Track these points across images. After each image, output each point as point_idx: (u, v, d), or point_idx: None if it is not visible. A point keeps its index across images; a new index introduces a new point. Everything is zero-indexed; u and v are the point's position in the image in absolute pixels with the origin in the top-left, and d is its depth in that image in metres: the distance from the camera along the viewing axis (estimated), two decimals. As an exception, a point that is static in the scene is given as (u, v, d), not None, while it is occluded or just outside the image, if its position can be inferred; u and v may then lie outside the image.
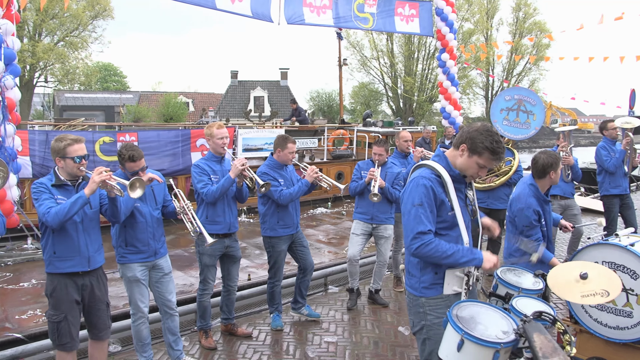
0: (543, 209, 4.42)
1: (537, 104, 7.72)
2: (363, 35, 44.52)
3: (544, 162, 4.36)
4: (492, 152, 2.92)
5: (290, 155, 5.42)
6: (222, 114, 38.05)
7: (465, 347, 2.58)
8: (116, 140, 12.31)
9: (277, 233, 5.48)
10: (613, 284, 3.15)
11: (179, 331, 4.74)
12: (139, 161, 4.28)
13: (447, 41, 13.90)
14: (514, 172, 6.90)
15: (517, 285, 3.43)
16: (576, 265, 3.47)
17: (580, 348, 4.38)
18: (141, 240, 4.36)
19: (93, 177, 3.67)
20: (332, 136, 18.65)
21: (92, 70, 42.20)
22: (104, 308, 4.11)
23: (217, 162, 5.07)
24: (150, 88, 57.74)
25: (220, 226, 5.03)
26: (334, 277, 7.69)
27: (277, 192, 5.30)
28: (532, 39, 35.27)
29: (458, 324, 2.63)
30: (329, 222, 14.09)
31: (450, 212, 3.03)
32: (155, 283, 4.54)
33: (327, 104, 51.72)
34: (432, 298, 3.03)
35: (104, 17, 36.34)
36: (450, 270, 3.01)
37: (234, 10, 10.42)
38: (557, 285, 3.26)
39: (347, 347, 5.20)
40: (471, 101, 48.87)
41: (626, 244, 4.04)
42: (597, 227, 5.05)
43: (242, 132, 14.94)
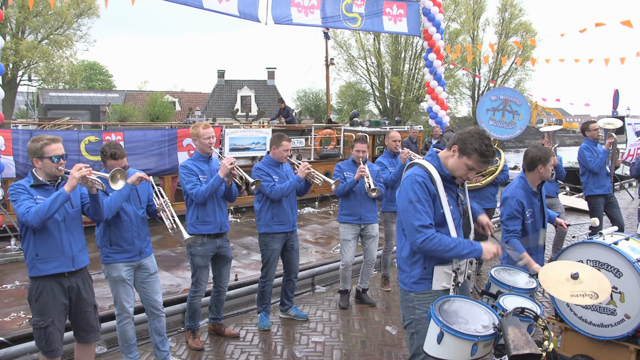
0: (531, 202, 4.49)
1: (522, 104, 7.79)
2: (350, 35, 44.62)
3: (533, 156, 4.43)
4: (481, 154, 3.00)
5: (285, 152, 5.48)
6: (209, 114, 37.89)
7: (445, 339, 2.67)
8: (102, 139, 12.24)
9: (272, 229, 5.49)
10: (603, 288, 3.19)
11: (165, 332, 4.70)
12: (121, 159, 4.26)
13: (434, 41, 13.97)
14: (500, 171, 6.95)
15: (508, 284, 3.48)
16: (569, 265, 3.50)
17: (565, 346, 4.43)
18: (126, 239, 4.32)
19: (72, 173, 3.61)
20: (319, 136, 18.69)
21: (77, 69, 41.77)
22: (91, 310, 4.03)
23: (205, 162, 5.04)
24: (136, 87, 57.32)
25: (212, 226, 5.00)
26: (322, 277, 7.69)
27: (269, 187, 5.35)
28: (518, 42, 35.54)
29: (438, 316, 2.73)
30: (316, 222, 14.10)
31: (440, 209, 3.10)
32: (141, 283, 4.50)
33: (314, 104, 51.72)
34: (421, 293, 3.10)
35: (89, 15, 36.00)
36: (439, 266, 3.08)
37: (221, 10, 10.39)
38: (547, 282, 3.30)
39: (335, 346, 5.20)
40: (458, 101, 49.19)
41: (610, 243, 4.10)
42: (583, 227, 5.13)
43: (229, 131, 14.90)
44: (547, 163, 4.44)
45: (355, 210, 5.99)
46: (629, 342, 4.02)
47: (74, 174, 3.62)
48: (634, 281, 3.92)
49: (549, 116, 41.44)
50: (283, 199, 5.48)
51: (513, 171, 20.87)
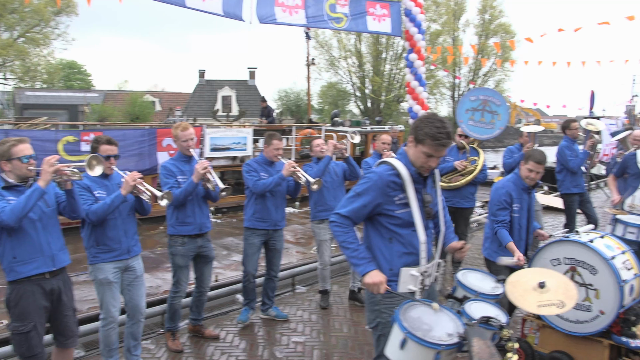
0: (520, 197, 4.60)
1: (501, 104, 7.87)
2: (331, 35, 44.63)
3: (540, 157, 4.57)
4: (433, 137, 2.87)
5: (276, 151, 5.51)
6: (190, 114, 37.62)
7: (408, 345, 2.63)
8: (80, 139, 12.10)
9: (252, 224, 5.53)
10: (570, 295, 3.20)
11: (140, 337, 4.64)
12: (115, 146, 4.27)
13: (415, 42, 14.00)
14: (479, 171, 7.01)
15: (474, 289, 3.42)
16: (536, 272, 3.52)
17: (542, 342, 4.50)
18: (112, 238, 4.24)
19: (44, 168, 3.56)
20: (300, 135, 18.68)
21: (55, 68, 41.18)
22: (70, 314, 3.96)
23: (186, 162, 5.01)
24: (115, 87, 56.59)
25: (191, 227, 4.96)
26: (302, 277, 7.69)
27: (253, 181, 5.37)
28: (498, 44, 35.95)
29: (403, 322, 2.67)
30: (297, 222, 14.10)
31: (404, 209, 3.01)
32: (127, 286, 4.42)
33: (295, 104, 51.62)
34: (387, 296, 3.00)
35: (67, 13, 35.51)
36: (406, 268, 3.02)
37: (204, 9, 10.30)
38: (514, 293, 3.29)
39: (315, 346, 5.20)
40: (438, 101, 49.51)
41: (586, 241, 4.18)
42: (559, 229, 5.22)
43: (209, 131, 14.84)
44: (527, 163, 4.57)
45: (330, 204, 5.94)
46: (603, 337, 4.11)
47: (46, 168, 3.56)
48: (608, 278, 4.00)
49: (527, 116, 42.00)
50: (268, 198, 5.47)
51: (492, 171, 21.12)
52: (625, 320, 4.07)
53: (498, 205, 4.60)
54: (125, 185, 4.11)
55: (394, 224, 3.03)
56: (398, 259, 3.03)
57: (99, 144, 4.24)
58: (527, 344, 4.54)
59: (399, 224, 3.03)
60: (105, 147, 4.23)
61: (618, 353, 4.17)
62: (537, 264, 4.46)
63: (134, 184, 4.12)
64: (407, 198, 3.00)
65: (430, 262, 3.14)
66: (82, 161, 4.15)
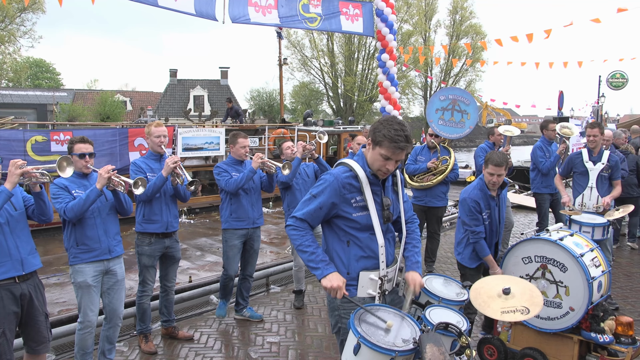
0: (488, 204, 4.63)
1: (470, 104, 7.97)
2: (303, 35, 44.71)
3: (490, 157, 4.56)
4: (391, 139, 2.77)
5: (242, 150, 5.52)
6: (161, 113, 37.24)
7: (362, 351, 2.55)
8: (49, 139, 11.86)
9: (230, 225, 5.52)
10: (535, 301, 3.21)
11: (116, 341, 4.58)
12: (89, 144, 4.22)
13: (387, 42, 14.10)
14: (450, 170, 7.10)
15: (438, 295, 3.37)
16: (501, 279, 3.56)
17: (514, 339, 4.57)
18: (91, 237, 4.17)
19: (11, 170, 3.50)
20: (273, 135, 18.63)
21: (22, 66, 40.29)
22: (42, 320, 3.86)
23: (156, 161, 5.00)
24: (85, 86, 55.69)
25: (157, 225, 4.92)
26: (276, 277, 7.67)
27: (225, 180, 5.39)
28: (469, 45, 36.52)
29: (357, 327, 2.60)
30: (270, 222, 14.05)
31: (362, 212, 2.93)
32: (107, 290, 4.35)
33: (267, 104, 51.51)
34: (346, 301, 2.90)
35: (33, 10, 34.72)
36: (365, 272, 2.93)
37: (177, 8, 10.18)
38: (478, 299, 3.30)
39: (290, 346, 5.19)
40: (410, 101, 50.07)
41: (556, 239, 4.26)
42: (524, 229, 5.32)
43: (181, 131, 14.71)
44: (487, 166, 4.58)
45: None
46: (573, 333, 4.19)
47: (13, 170, 3.50)
48: (578, 275, 4.08)
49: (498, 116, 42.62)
50: (242, 196, 5.48)
51: (463, 170, 21.42)
52: (594, 316, 4.17)
53: (469, 216, 4.61)
54: (100, 178, 4.05)
55: (351, 227, 2.94)
56: (356, 262, 2.94)
57: (74, 143, 4.20)
58: (500, 342, 4.61)
59: (357, 228, 2.94)
60: (79, 145, 4.18)
61: (587, 348, 4.27)
62: (509, 262, 4.53)
63: (108, 175, 4.06)
64: (365, 200, 2.92)
65: (391, 266, 3.04)
66: (52, 161, 4.07)
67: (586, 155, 6.18)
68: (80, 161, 4.16)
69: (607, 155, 6.27)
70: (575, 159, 6.35)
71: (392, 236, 3.10)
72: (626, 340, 4.11)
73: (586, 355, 4.26)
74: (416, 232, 3.24)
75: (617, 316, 4.21)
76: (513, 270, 4.44)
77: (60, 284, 8.36)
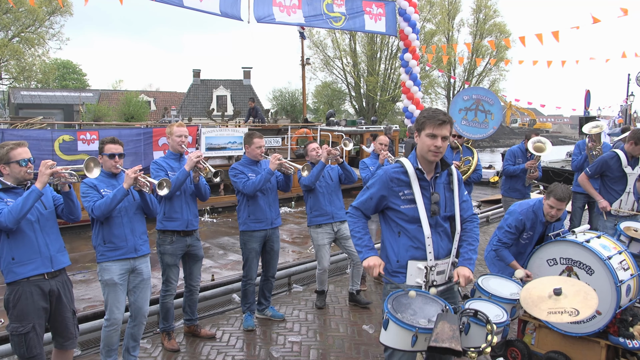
0: (534, 227, 4.57)
1: (495, 104, 7.87)
2: (326, 35, 44.71)
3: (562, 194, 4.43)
4: (430, 117, 3.08)
5: (258, 150, 5.48)
6: (185, 113, 37.54)
7: (389, 326, 2.78)
8: (76, 138, 12.09)
9: (249, 227, 5.48)
10: (588, 303, 3.13)
11: (140, 338, 4.64)
12: (119, 145, 4.29)
13: (410, 41, 14.04)
14: (473, 171, 7.02)
15: (489, 292, 3.48)
16: (558, 280, 3.46)
17: (539, 342, 4.50)
18: (118, 235, 4.23)
19: (42, 170, 3.60)
20: (295, 135, 18.66)
21: (50, 68, 41.07)
22: (70, 316, 3.95)
23: (176, 160, 5.04)
24: (110, 86, 56.40)
25: (178, 222, 4.96)
26: (298, 277, 7.68)
27: (242, 182, 5.35)
28: (493, 42, 36.16)
29: (388, 304, 2.84)
30: (292, 221, 14.10)
31: (410, 205, 3.17)
32: (133, 288, 4.41)
33: (290, 103, 51.62)
34: (396, 286, 3.16)
35: (61, 13, 35.36)
36: (413, 261, 3.15)
37: (202, 8, 10.26)
38: (528, 299, 3.27)
39: (312, 346, 5.20)
40: (433, 101, 49.65)
41: (582, 241, 4.17)
42: None
43: (205, 131, 14.84)
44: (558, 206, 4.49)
45: (326, 209, 5.93)
46: (599, 337, 4.10)
47: (43, 170, 3.61)
48: (605, 278, 4.00)
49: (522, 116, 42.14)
50: (260, 197, 5.46)
51: (487, 170, 21.16)
52: (622, 320, 4.07)
53: (507, 229, 4.58)
54: (127, 178, 4.11)
55: (401, 218, 3.19)
56: (405, 252, 3.18)
57: (104, 143, 4.28)
58: (524, 345, 4.54)
59: (406, 219, 3.18)
60: (110, 146, 4.26)
61: (615, 354, 4.17)
62: (534, 263, 4.46)
63: (135, 176, 4.12)
64: (413, 194, 3.16)
65: (443, 259, 3.21)
66: (79, 161, 4.16)
67: (624, 160, 5.95)
68: (110, 161, 4.24)
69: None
70: (612, 162, 6.00)
71: (442, 230, 3.26)
72: (656, 346, 4.00)
73: (613, 360, 4.17)
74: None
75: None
76: (537, 273, 4.37)
77: (86, 280, 8.51)
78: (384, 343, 2.83)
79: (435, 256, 3.16)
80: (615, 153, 5.98)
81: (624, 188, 5.97)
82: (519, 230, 4.53)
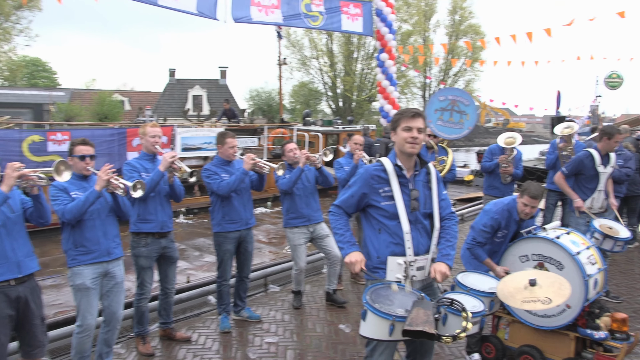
0: (508, 226, 4.59)
1: (470, 104, 7.97)
2: (303, 35, 44.64)
3: (536, 192, 4.44)
4: (403, 112, 3.27)
5: (231, 150, 5.44)
6: (160, 113, 37.08)
7: (368, 316, 2.87)
8: (46, 139, 11.81)
9: (224, 228, 5.44)
10: (561, 293, 3.24)
11: (114, 343, 4.55)
12: (90, 147, 4.22)
13: (386, 41, 14.10)
14: (448, 171, 7.09)
15: (467, 286, 3.54)
16: (534, 273, 3.56)
17: (512, 337, 4.58)
18: (90, 239, 4.15)
19: (8, 173, 3.50)
20: (272, 135, 18.62)
21: (18, 65, 40.13)
22: (38, 323, 3.83)
23: (150, 161, 4.97)
24: (83, 85, 55.36)
25: (152, 224, 4.89)
26: (275, 277, 7.66)
27: (216, 183, 5.30)
28: (469, 43, 36.48)
29: (366, 296, 2.93)
30: (269, 221, 14.06)
31: (389, 202, 3.27)
32: (107, 292, 4.33)
33: (266, 103, 51.37)
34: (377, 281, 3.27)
35: (29, 8, 34.55)
36: (393, 257, 3.25)
37: (178, 7, 10.13)
38: (504, 290, 3.37)
39: (289, 347, 5.20)
40: (409, 101, 49.86)
41: (553, 237, 4.28)
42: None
43: (180, 131, 14.72)
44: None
45: (302, 212, 5.95)
46: (569, 330, 4.22)
47: (9, 173, 3.50)
48: (574, 273, 4.10)
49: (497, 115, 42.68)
50: (234, 197, 5.42)
51: (462, 169, 21.38)
52: (590, 313, 4.20)
53: (483, 228, 4.56)
54: (99, 180, 4.04)
55: (381, 215, 3.30)
56: (386, 248, 3.28)
57: (75, 145, 4.20)
58: (498, 340, 4.62)
59: (386, 216, 3.28)
60: (80, 147, 4.18)
61: (583, 345, 4.29)
62: (506, 260, 4.55)
63: (107, 178, 4.05)
64: (392, 191, 3.26)
65: (423, 255, 3.29)
66: (49, 162, 4.08)
67: (598, 159, 6.06)
68: (80, 163, 4.16)
69: (614, 157, 6.22)
70: (587, 161, 6.10)
71: (422, 227, 3.34)
72: (621, 336, 4.13)
73: (582, 351, 4.28)
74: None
75: (612, 313, 4.23)
76: (510, 269, 4.44)
77: (57, 285, 8.35)
78: (363, 334, 2.90)
79: (415, 252, 3.25)
80: (590, 152, 6.11)
81: (597, 186, 6.10)
82: (494, 229, 4.56)
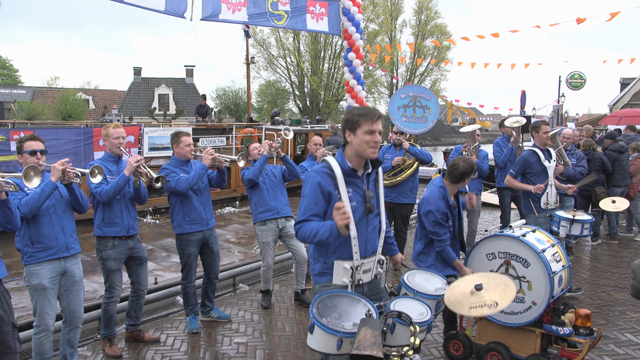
0: (451, 211, 4.53)
1: (431, 99, 8.13)
2: (270, 34, 44.57)
3: (463, 170, 4.41)
4: (365, 115, 3.02)
5: (188, 148, 5.37)
6: (125, 112, 36.53)
7: (315, 330, 2.75)
8: (9, 138, 11.50)
9: (185, 229, 5.36)
10: (506, 295, 3.19)
11: (77, 344, 4.46)
12: (40, 142, 4.12)
13: (354, 41, 14.16)
14: (420, 161, 7.20)
15: (414, 288, 3.49)
16: (479, 277, 3.47)
17: (480, 334, 4.65)
18: (47, 235, 4.05)
19: None
20: (240, 134, 18.53)
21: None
22: (8, 330, 3.64)
23: (114, 163, 4.88)
24: (45, 84, 54.14)
25: (119, 228, 4.81)
26: (244, 277, 7.63)
27: (174, 180, 5.20)
28: (437, 41, 36.92)
29: (313, 308, 2.81)
30: (237, 221, 13.98)
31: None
32: (65, 291, 4.23)
33: (233, 102, 51.14)
34: (324, 285, 3.18)
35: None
36: (339, 261, 3.12)
37: (144, 5, 9.94)
38: (451, 297, 3.28)
39: (258, 346, 5.17)
40: (376, 100, 50.33)
41: (519, 235, 4.36)
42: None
43: (148, 130, 14.54)
44: (472, 174, 4.56)
45: (271, 204, 5.97)
46: (535, 326, 4.30)
47: None
48: (539, 270, 4.18)
49: (463, 115, 43.30)
50: (193, 197, 5.34)
51: (429, 168, 21.65)
52: (555, 309, 4.29)
53: (438, 226, 4.44)
54: (54, 170, 3.94)
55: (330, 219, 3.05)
56: (332, 253, 3.14)
57: (23, 141, 4.11)
58: (466, 337, 4.68)
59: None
60: (30, 142, 4.09)
61: (549, 341, 4.39)
62: (474, 258, 4.60)
63: (62, 168, 3.96)
64: (340, 193, 3.07)
65: (369, 257, 3.19)
66: (11, 162, 3.97)
67: (541, 154, 6.18)
68: (31, 158, 4.05)
69: (554, 151, 6.38)
70: (532, 159, 6.18)
71: (373, 228, 3.24)
72: (584, 332, 4.24)
73: (548, 347, 4.37)
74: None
75: (576, 309, 4.33)
76: (477, 267, 4.52)
77: (20, 288, 8.13)
78: (311, 347, 2.80)
79: (362, 255, 3.15)
80: (532, 150, 6.23)
81: (547, 181, 6.24)
82: (445, 220, 4.48)
